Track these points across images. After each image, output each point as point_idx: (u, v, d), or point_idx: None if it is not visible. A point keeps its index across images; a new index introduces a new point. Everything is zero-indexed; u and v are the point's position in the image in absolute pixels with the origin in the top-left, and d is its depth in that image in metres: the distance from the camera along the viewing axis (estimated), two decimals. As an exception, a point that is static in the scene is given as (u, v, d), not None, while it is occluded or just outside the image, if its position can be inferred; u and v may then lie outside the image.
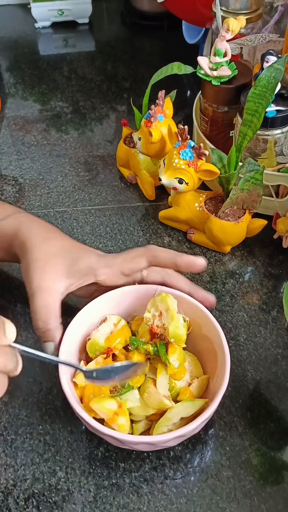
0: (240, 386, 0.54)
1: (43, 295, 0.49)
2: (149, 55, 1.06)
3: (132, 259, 0.52)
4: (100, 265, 0.51)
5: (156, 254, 0.53)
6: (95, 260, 0.52)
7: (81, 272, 0.51)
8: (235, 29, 0.64)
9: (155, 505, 0.46)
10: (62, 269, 0.50)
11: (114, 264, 0.52)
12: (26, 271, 0.51)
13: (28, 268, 0.51)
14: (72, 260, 0.51)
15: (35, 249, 0.51)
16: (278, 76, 0.58)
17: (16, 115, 0.90)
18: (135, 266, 0.52)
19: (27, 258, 0.51)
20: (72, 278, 0.50)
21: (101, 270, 0.51)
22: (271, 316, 0.60)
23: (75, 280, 0.50)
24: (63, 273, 0.50)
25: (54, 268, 0.50)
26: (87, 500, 0.46)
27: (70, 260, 0.51)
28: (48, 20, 1.12)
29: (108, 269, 0.51)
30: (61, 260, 0.51)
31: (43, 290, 0.49)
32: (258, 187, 0.60)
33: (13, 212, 0.57)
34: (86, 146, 0.83)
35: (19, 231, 0.54)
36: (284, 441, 0.50)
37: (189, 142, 0.60)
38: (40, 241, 0.52)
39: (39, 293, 0.49)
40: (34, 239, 0.52)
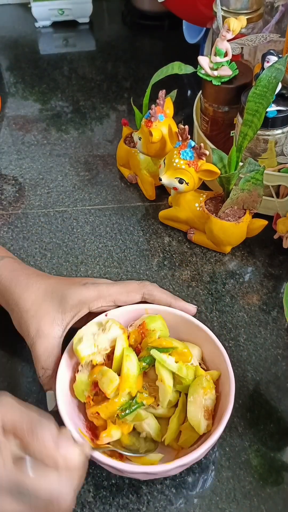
0: (240, 387, 0.53)
1: (42, 343, 0.49)
2: (149, 54, 1.06)
3: (128, 293, 0.52)
4: (92, 296, 0.51)
5: (153, 293, 0.52)
6: (84, 291, 0.51)
7: (74, 307, 0.50)
8: (235, 29, 0.63)
9: (154, 505, 0.46)
10: (54, 312, 0.50)
11: (108, 295, 0.51)
12: (19, 323, 0.51)
13: (20, 321, 0.51)
14: (61, 299, 0.50)
15: (21, 300, 0.51)
16: (279, 76, 0.58)
17: (16, 115, 0.90)
18: (130, 300, 0.52)
19: (16, 311, 0.51)
20: (66, 317, 0.50)
21: (94, 302, 0.51)
22: (271, 317, 0.60)
23: (70, 317, 0.50)
24: (56, 315, 0.50)
25: (46, 313, 0.50)
26: (87, 501, 0.46)
27: (59, 300, 0.50)
28: (49, 19, 1.12)
29: (102, 299, 0.51)
30: (50, 304, 0.50)
31: (41, 338, 0.49)
32: (259, 187, 0.60)
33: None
34: (86, 145, 0.83)
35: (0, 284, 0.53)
36: (284, 442, 0.50)
37: (189, 142, 0.60)
38: (23, 291, 0.51)
39: (38, 341, 0.49)
40: (17, 290, 0.52)
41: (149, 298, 0.52)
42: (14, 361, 0.56)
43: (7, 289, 0.52)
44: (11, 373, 0.55)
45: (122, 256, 0.67)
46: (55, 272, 0.65)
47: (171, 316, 0.51)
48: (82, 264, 0.66)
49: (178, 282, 0.63)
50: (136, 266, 0.65)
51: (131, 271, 0.65)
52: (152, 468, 0.43)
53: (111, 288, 0.52)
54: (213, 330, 0.57)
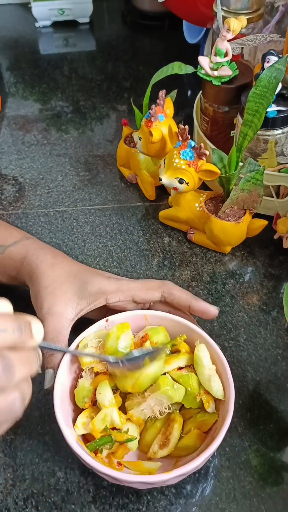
0: (240, 387, 0.53)
1: (52, 320, 0.49)
2: (149, 54, 1.05)
3: (147, 290, 0.51)
4: (112, 288, 0.51)
5: (172, 292, 0.52)
6: (105, 282, 0.51)
7: (92, 295, 0.50)
8: (236, 29, 0.63)
9: (154, 505, 0.46)
10: (72, 294, 0.50)
11: (127, 290, 0.51)
12: (35, 297, 0.51)
13: (37, 295, 0.51)
14: (82, 284, 0.51)
15: (44, 275, 0.51)
16: (279, 76, 0.58)
17: (16, 115, 0.90)
18: (149, 297, 0.51)
19: (36, 285, 0.51)
20: (82, 302, 0.50)
21: (113, 294, 0.50)
22: (271, 317, 0.60)
23: (86, 304, 0.50)
24: (73, 298, 0.50)
25: (64, 293, 0.50)
26: (86, 501, 0.46)
27: (80, 285, 0.51)
28: (49, 19, 1.12)
29: (120, 293, 0.51)
30: (70, 285, 0.50)
31: (53, 315, 0.49)
32: (259, 188, 0.60)
33: (20, 238, 0.56)
34: (86, 145, 0.83)
35: (26, 259, 0.53)
36: (284, 442, 0.50)
37: (189, 142, 0.60)
38: (47, 268, 0.52)
39: (49, 318, 0.49)
40: (42, 266, 0.52)
41: (169, 297, 0.52)
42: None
43: (32, 264, 0.53)
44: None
45: (122, 256, 0.67)
46: (55, 272, 0.65)
47: (173, 323, 0.51)
48: (82, 264, 0.65)
49: (178, 282, 0.63)
50: (136, 266, 0.65)
51: (131, 271, 0.65)
52: (150, 477, 0.42)
53: (131, 284, 0.52)
54: (213, 330, 0.58)
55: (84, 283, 0.51)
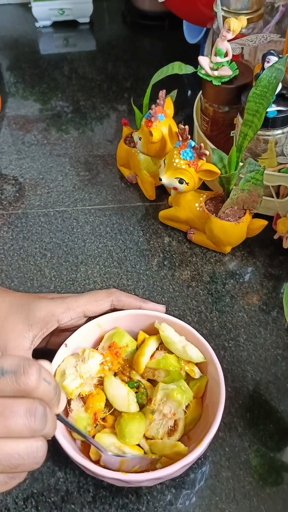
0: (239, 387, 0.53)
1: None
2: (150, 54, 1.05)
3: (96, 302, 0.51)
4: (61, 309, 0.50)
5: (121, 299, 0.52)
6: (53, 305, 0.50)
7: (42, 321, 0.49)
8: (236, 29, 0.63)
9: (154, 505, 0.46)
10: (21, 325, 0.49)
11: (76, 306, 0.50)
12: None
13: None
14: (29, 312, 0.49)
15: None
16: (279, 76, 0.58)
17: (16, 115, 0.90)
18: (99, 309, 0.51)
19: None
20: (33, 330, 0.49)
21: (63, 315, 0.50)
22: (271, 317, 0.60)
23: (38, 330, 0.49)
24: (24, 328, 0.49)
25: (13, 326, 0.49)
26: (86, 500, 0.46)
27: (27, 313, 0.49)
28: (49, 19, 1.12)
29: (71, 311, 0.50)
30: (17, 317, 0.49)
31: (10, 351, 0.48)
32: (259, 188, 0.60)
33: None
34: (86, 145, 0.83)
35: None
36: (284, 442, 0.50)
37: (189, 142, 0.60)
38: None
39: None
40: None
41: (118, 304, 0.52)
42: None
43: None
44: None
45: (122, 256, 0.67)
46: (55, 272, 0.65)
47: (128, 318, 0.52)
48: (82, 264, 0.66)
49: (178, 282, 0.63)
50: (136, 266, 0.65)
51: (131, 271, 0.65)
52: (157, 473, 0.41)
53: (79, 300, 0.51)
54: (213, 330, 0.58)
55: (30, 310, 0.49)
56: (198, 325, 0.59)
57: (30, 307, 0.50)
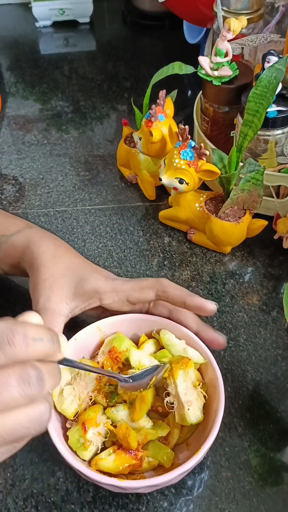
0: (239, 387, 0.53)
1: (46, 316, 0.48)
2: (150, 54, 1.05)
3: (141, 289, 0.51)
4: (107, 289, 0.50)
5: (167, 290, 0.50)
6: (102, 282, 0.50)
7: (86, 295, 0.50)
8: (236, 29, 0.63)
9: (154, 505, 0.46)
10: (67, 290, 0.50)
11: (121, 290, 0.50)
12: (33, 289, 0.51)
13: (35, 287, 0.50)
14: (79, 281, 0.50)
15: (43, 268, 0.51)
16: (279, 77, 0.58)
17: (16, 114, 0.90)
18: (143, 296, 0.51)
19: (35, 277, 0.51)
20: (77, 300, 0.50)
21: (107, 295, 0.50)
22: (271, 317, 0.60)
23: (80, 302, 0.50)
24: (68, 295, 0.50)
25: (60, 289, 0.50)
26: (86, 500, 0.46)
27: (77, 281, 0.50)
28: (49, 19, 1.12)
29: (115, 294, 0.50)
30: (67, 281, 0.50)
31: (47, 311, 0.49)
32: (259, 188, 0.60)
33: (23, 227, 0.56)
34: (86, 145, 0.83)
35: (28, 248, 0.53)
36: (284, 442, 0.50)
37: (189, 142, 0.60)
38: (48, 260, 0.51)
39: (43, 314, 0.48)
40: (42, 257, 0.52)
41: (163, 295, 0.50)
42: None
43: (33, 253, 0.52)
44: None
45: (122, 256, 0.67)
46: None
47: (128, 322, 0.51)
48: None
49: (178, 282, 0.63)
50: (136, 266, 0.65)
51: (131, 271, 0.65)
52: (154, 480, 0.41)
53: (125, 284, 0.51)
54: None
55: (81, 280, 0.50)
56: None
57: (82, 277, 0.50)
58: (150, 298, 0.51)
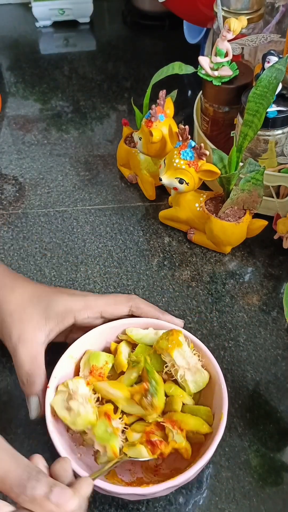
0: (239, 387, 0.53)
1: (25, 348, 0.48)
2: (150, 54, 1.05)
3: (115, 305, 0.51)
4: (79, 306, 0.50)
5: (140, 306, 0.51)
6: (71, 300, 0.50)
7: (59, 315, 0.49)
8: (236, 29, 0.63)
9: (153, 505, 0.46)
10: (38, 317, 0.49)
11: (95, 306, 0.50)
12: (1, 327, 0.50)
13: (3, 324, 0.49)
14: (47, 305, 0.49)
15: (5, 302, 0.50)
16: (279, 77, 0.58)
17: (16, 114, 0.90)
18: (117, 312, 0.51)
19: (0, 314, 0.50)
20: (51, 323, 0.49)
21: (81, 312, 0.50)
22: (271, 317, 0.60)
23: (55, 325, 0.49)
24: (40, 320, 0.49)
25: (30, 318, 0.49)
26: (86, 501, 0.46)
27: (45, 306, 0.49)
28: (49, 19, 1.11)
29: (89, 310, 0.50)
30: (36, 308, 0.49)
31: (25, 343, 0.48)
32: (259, 188, 0.60)
33: None
34: (86, 145, 0.83)
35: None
36: (284, 442, 0.50)
37: (189, 142, 0.60)
38: (8, 293, 0.51)
39: (21, 346, 0.48)
40: (2, 292, 0.51)
41: (136, 311, 0.51)
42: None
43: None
44: (11, 372, 0.55)
45: (122, 256, 0.67)
46: (55, 272, 0.65)
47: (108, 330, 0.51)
48: (82, 264, 0.66)
49: (178, 282, 0.63)
50: (136, 266, 0.65)
51: (131, 271, 0.65)
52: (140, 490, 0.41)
53: (98, 300, 0.51)
54: (213, 331, 0.58)
55: (49, 304, 0.50)
56: (198, 325, 0.59)
57: (49, 300, 0.50)
58: (124, 313, 0.52)
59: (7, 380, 0.55)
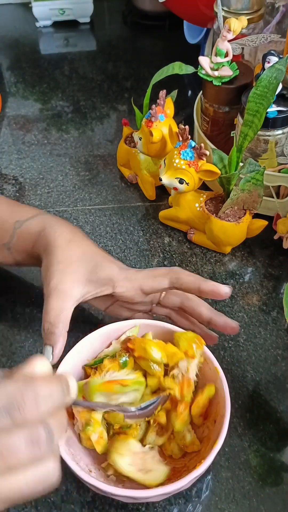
0: (239, 387, 0.53)
1: (57, 297, 0.48)
2: (150, 54, 1.05)
3: (155, 278, 0.51)
4: (120, 277, 0.50)
5: (180, 276, 0.50)
6: (116, 271, 0.51)
7: (100, 281, 0.50)
8: (236, 29, 0.63)
9: (153, 505, 0.46)
10: (81, 275, 0.49)
11: (135, 279, 0.50)
12: (46, 271, 0.50)
13: (48, 269, 0.50)
14: (93, 268, 0.50)
15: (58, 250, 0.50)
16: (280, 77, 0.58)
17: (16, 114, 0.90)
18: (157, 285, 0.51)
19: (49, 258, 0.51)
20: (90, 285, 0.50)
21: (120, 283, 0.50)
22: (271, 317, 0.60)
23: (93, 288, 0.50)
24: (81, 279, 0.49)
25: (74, 272, 0.49)
26: (86, 500, 0.46)
27: (91, 267, 0.50)
28: (49, 19, 1.12)
29: (128, 282, 0.50)
30: (82, 266, 0.50)
31: (59, 292, 0.48)
32: (259, 188, 0.60)
33: (37, 213, 0.56)
34: (86, 145, 0.83)
35: (44, 231, 0.53)
36: (283, 442, 0.50)
37: (189, 142, 0.60)
38: (64, 243, 0.51)
39: (54, 295, 0.48)
40: (59, 240, 0.51)
41: (177, 282, 0.50)
42: (14, 361, 0.56)
43: (49, 236, 0.52)
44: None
45: (122, 256, 0.67)
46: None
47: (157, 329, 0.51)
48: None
49: (178, 282, 0.63)
50: (136, 266, 0.65)
51: (131, 271, 0.65)
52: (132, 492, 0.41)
53: (139, 273, 0.51)
54: (213, 331, 0.58)
55: (95, 267, 0.50)
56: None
57: (96, 264, 0.50)
58: (164, 286, 0.51)
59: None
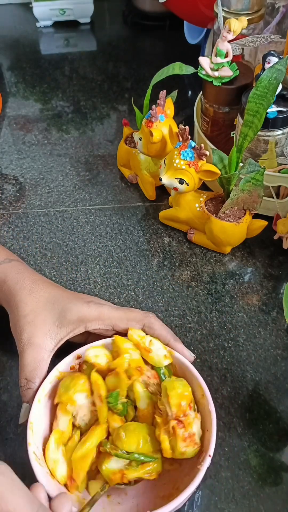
0: (239, 387, 0.54)
1: (32, 352, 0.48)
2: (150, 55, 1.06)
3: (128, 321, 0.50)
4: (92, 316, 0.50)
5: (153, 327, 0.50)
6: (85, 310, 0.50)
7: (71, 323, 0.49)
8: (236, 29, 0.63)
9: (153, 505, 0.46)
10: (51, 323, 0.49)
11: (108, 318, 0.50)
12: (14, 326, 0.50)
13: (16, 324, 0.50)
14: (61, 312, 0.50)
15: (22, 304, 0.50)
16: (280, 77, 0.58)
17: (17, 114, 0.90)
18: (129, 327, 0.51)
19: (14, 313, 0.51)
20: (62, 331, 0.49)
21: (93, 322, 0.50)
22: (271, 317, 0.60)
23: (65, 332, 0.49)
24: (52, 328, 0.49)
25: (42, 323, 0.49)
26: (86, 500, 0.46)
27: (59, 313, 0.50)
28: (50, 19, 1.12)
29: (100, 321, 0.50)
30: (49, 314, 0.50)
31: (32, 347, 0.48)
32: (259, 188, 0.60)
33: (2, 260, 0.55)
34: (86, 145, 0.83)
35: (5, 284, 0.53)
36: (283, 442, 0.50)
37: (190, 142, 0.60)
38: (26, 295, 0.51)
39: (28, 349, 0.48)
40: (20, 293, 0.51)
41: (149, 331, 0.51)
42: (15, 360, 0.56)
43: (11, 290, 0.52)
44: (11, 372, 0.55)
45: (122, 256, 0.67)
46: (55, 272, 0.65)
47: None
48: (82, 264, 0.66)
49: (178, 282, 0.64)
50: (136, 266, 0.65)
51: (131, 271, 0.65)
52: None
53: (113, 312, 0.51)
54: (213, 331, 0.58)
55: (63, 311, 0.50)
56: (197, 325, 0.59)
57: (64, 307, 0.50)
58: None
59: (7, 379, 0.55)
